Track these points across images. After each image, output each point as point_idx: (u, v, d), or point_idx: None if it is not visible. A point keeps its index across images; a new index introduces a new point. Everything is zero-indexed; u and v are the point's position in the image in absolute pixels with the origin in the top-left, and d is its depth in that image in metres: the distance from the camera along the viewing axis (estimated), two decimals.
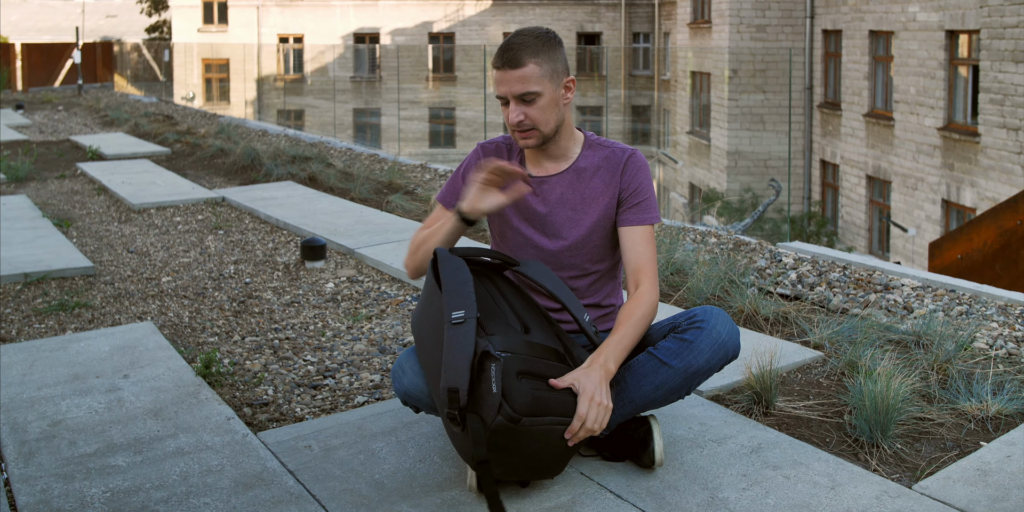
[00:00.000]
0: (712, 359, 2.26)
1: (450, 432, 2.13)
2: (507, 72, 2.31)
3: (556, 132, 2.39)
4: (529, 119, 2.33)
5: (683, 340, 2.26)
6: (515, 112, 2.32)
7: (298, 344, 3.52)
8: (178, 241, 5.42)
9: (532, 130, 2.35)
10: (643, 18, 28.93)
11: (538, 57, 2.31)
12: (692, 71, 22.30)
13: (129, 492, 2.30)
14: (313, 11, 29.15)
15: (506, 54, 2.31)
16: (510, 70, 2.30)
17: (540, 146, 2.40)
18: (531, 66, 2.30)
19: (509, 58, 2.30)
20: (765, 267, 4.56)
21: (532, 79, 2.30)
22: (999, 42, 12.58)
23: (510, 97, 2.32)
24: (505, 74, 2.31)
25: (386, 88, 28.87)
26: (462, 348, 2.02)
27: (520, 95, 2.31)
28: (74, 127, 13.02)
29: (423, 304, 2.26)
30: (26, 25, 36.48)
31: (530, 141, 2.37)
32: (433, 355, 2.13)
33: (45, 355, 3.32)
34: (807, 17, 18.88)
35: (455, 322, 2.06)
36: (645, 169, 2.48)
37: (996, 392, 2.80)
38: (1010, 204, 6.11)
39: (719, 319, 2.28)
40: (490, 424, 1.99)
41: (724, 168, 19.53)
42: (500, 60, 2.32)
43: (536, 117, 2.33)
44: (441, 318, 2.10)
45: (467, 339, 2.03)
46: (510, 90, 2.31)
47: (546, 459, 2.12)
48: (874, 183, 16.47)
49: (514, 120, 2.32)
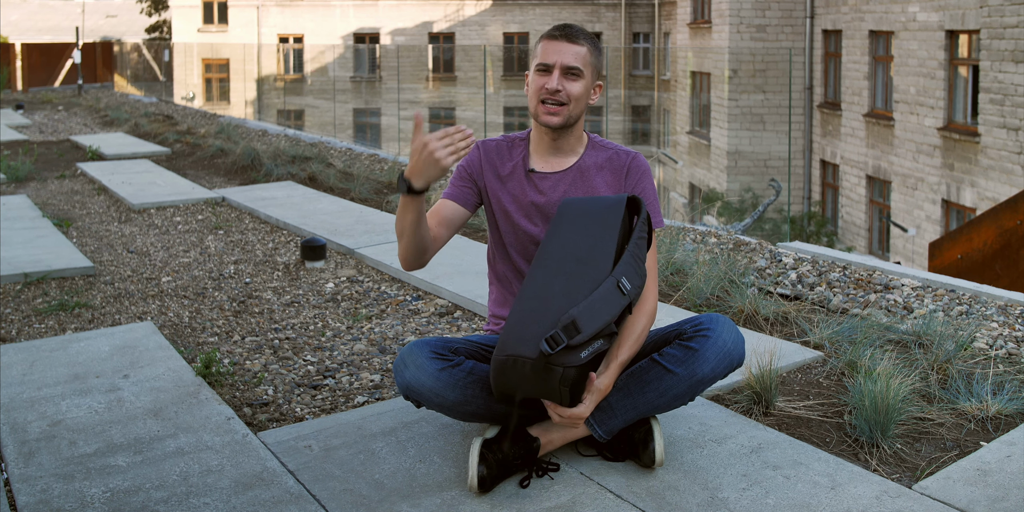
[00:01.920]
0: (717, 367, 2.28)
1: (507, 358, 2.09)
2: (563, 44, 2.35)
3: (575, 122, 2.42)
4: (565, 92, 2.35)
5: (688, 348, 2.28)
6: (556, 81, 2.34)
7: (298, 344, 3.52)
8: (178, 241, 5.42)
9: (563, 105, 2.36)
10: (643, 18, 28.92)
11: (591, 45, 2.39)
12: (692, 71, 22.30)
13: (129, 492, 2.30)
14: (313, 11, 29.15)
15: (566, 29, 2.38)
16: (567, 43, 2.36)
17: (560, 128, 2.40)
18: (585, 48, 2.37)
19: (569, 33, 2.37)
20: (765, 267, 4.56)
21: (582, 58, 2.36)
22: (999, 42, 12.58)
23: (558, 66, 2.34)
24: (560, 45, 2.35)
25: (386, 88, 28.87)
26: (610, 312, 2.10)
27: (568, 67, 2.34)
28: (74, 127, 13.02)
29: (583, 222, 2.23)
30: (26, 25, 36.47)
31: (556, 118, 2.38)
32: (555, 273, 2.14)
33: (45, 355, 3.31)
34: (807, 17, 18.88)
35: (622, 289, 2.13)
36: (648, 174, 2.49)
37: (996, 392, 2.80)
38: (1010, 204, 6.11)
39: (725, 327, 2.29)
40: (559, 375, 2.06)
41: (724, 168, 19.53)
42: (559, 32, 2.37)
43: (573, 94, 2.36)
44: (598, 250, 2.15)
45: (615, 310, 2.10)
46: (562, 60, 2.35)
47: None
48: (874, 183, 16.46)
49: (552, 87, 2.34)
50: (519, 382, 2.09)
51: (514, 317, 2.13)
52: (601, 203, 2.27)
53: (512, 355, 2.07)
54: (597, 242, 2.18)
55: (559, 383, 2.07)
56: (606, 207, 2.25)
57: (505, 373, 2.09)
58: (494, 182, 2.48)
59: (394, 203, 6.33)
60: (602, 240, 2.19)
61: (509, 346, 2.08)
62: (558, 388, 2.08)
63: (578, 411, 2.18)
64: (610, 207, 2.25)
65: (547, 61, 2.35)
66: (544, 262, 2.19)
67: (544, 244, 2.23)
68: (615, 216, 2.23)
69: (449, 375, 2.24)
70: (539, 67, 2.37)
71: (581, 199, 2.31)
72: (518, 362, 2.06)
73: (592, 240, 2.19)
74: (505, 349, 2.08)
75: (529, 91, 2.41)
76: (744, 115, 19.40)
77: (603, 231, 2.20)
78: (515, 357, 2.06)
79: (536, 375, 2.06)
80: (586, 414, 2.19)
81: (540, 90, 2.36)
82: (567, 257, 2.17)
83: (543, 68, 2.36)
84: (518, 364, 2.06)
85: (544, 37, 2.39)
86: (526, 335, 2.07)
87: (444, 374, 2.24)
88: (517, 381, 2.09)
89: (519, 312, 2.13)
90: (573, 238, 2.21)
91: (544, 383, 2.07)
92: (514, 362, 2.06)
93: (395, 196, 6.51)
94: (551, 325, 2.05)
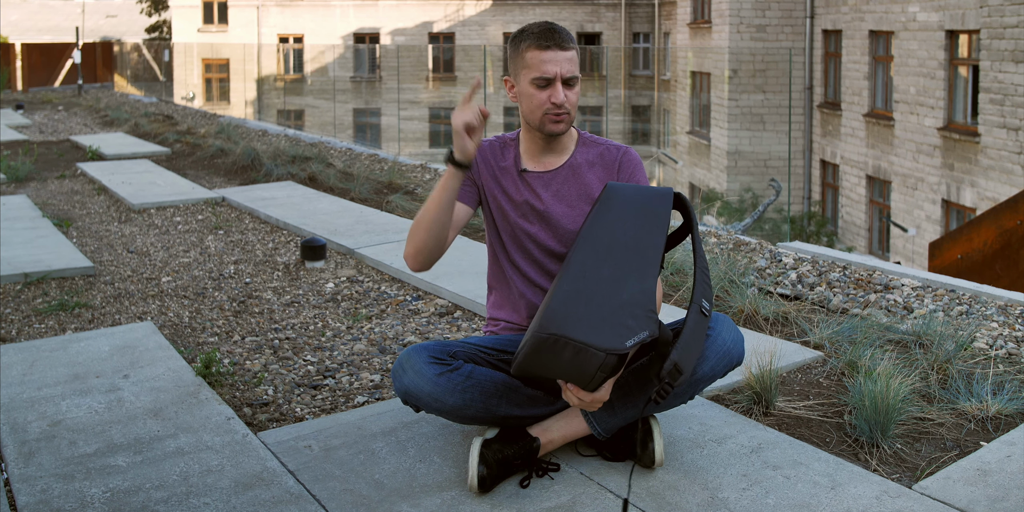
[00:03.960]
0: (717, 366, 2.28)
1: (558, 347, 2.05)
2: (557, 53, 2.31)
3: (571, 123, 2.42)
4: (569, 103, 2.34)
5: None
6: (561, 93, 2.32)
7: (298, 344, 3.52)
8: (178, 241, 5.42)
9: (568, 114, 2.36)
10: (643, 18, 28.92)
11: (575, 45, 2.37)
12: (692, 71, 22.30)
13: (129, 492, 2.30)
14: (313, 11, 29.15)
15: (554, 36, 2.32)
16: (560, 51, 2.31)
17: (563, 134, 2.40)
18: (573, 52, 2.35)
19: (559, 40, 2.32)
20: (765, 267, 4.56)
21: (575, 63, 2.34)
22: (999, 42, 12.58)
23: (559, 79, 2.31)
24: (555, 54, 2.31)
25: (386, 88, 28.86)
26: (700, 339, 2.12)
27: (568, 78, 2.32)
28: (74, 127, 13.02)
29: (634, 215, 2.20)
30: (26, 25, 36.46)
31: (562, 126, 2.37)
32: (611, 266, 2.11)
33: (45, 355, 3.31)
34: (807, 17, 18.88)
35: (704, 312, 2.14)
36: (640, 167, 2.49)
37: (996, 392, 2.80)
38: (1010, 204, 6.11)
39: (725, 326, 2.29)
40: (600, 360, 2.02)
41: (724, 168, 19.53)
42: (550, 40, 2.31)
43: (574, 101, 2.36)
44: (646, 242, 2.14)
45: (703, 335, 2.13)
46: (562, 70, 2.31)
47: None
48: (874, 183, 16.46)
49: (560, 100, 2.32)
50: (551, 361, 2.04)
51: (559, 296, 2.06)
52: (648, 192, 2.25)
53: (558, 335, 2.01)
54: (644, 233, 2.16)
55: (597, 369, 2.02)
56: (654, 197, 2.23)
57: (540, 351, 2.03)
58: (490, 180, 2.48)
59: (394, 203, 6.33)
60: (650, 232, 2.16)
61: (554, 325, 2.01)
62: (594, 374, 2.03)
63: (600, 394, 2.14)
64: (658, 197, 2.23)
65: (547, 75, 2.31)
66: (592, 244, 2.15)
67: (590, 226, 2.19)
68: (664, 208, 2.21)
69: (447, 380, 2.23)
70: (538, 81, 2.32)
71: (628, 185, 2.28)
72: (559, 342, 2.00)
73: (639, 230, 2.17)
74: (548, 327, 2.01)
75: (528, 103, 2.36)
76: (744, 115, 19.40)
77: (650, 221, 2.18)
78: (562, 338, 2.00)
79: (575, 358, 2.01)
80: (606, 397, 2.16)
81: (546, 104, 2.33)
82: (615, 243, 2.14)
83: (544, 83, 2.32)
84: (559, 344, 2.00)
85: (533, 46, 2.32)
86: (572, 316, 2.02)
87: (442, 379, 2.23)
88: (550, 360, 2.04)
89: (565, 292, 2.07)
90: (621, 224, 2.18)
91: (580, 367, 2.03)
92: (555, 342, 2.01)
93: (395, 196, 6.51)
94: (611, 323, 2.01)
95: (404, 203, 6.32)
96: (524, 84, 2.36)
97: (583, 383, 2.09)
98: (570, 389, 2.14)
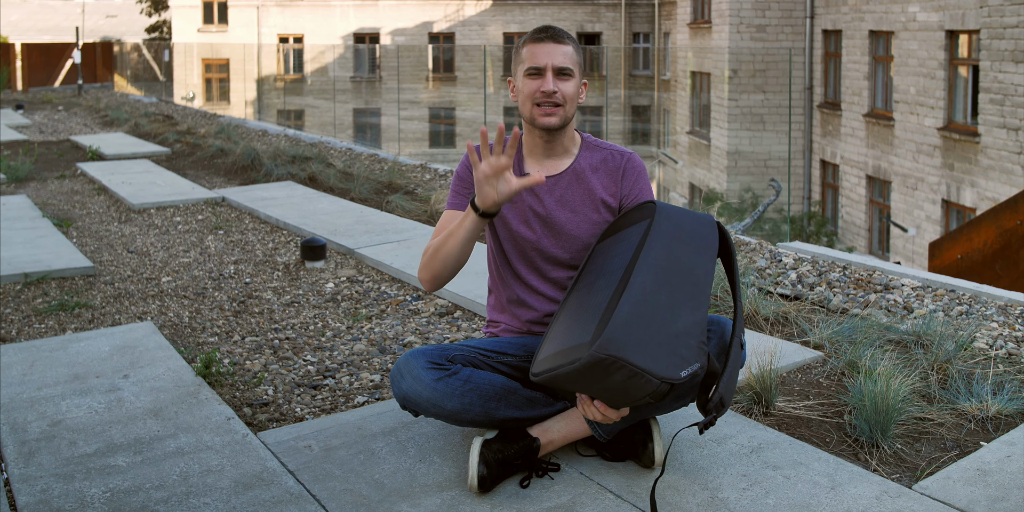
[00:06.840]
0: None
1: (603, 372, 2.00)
2: (550, 45, 2.36)
3: (568, 122, 2.42)
4: (560, 94, 2.36)
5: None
6: (551, 82, 2.35)
7: (298, 344, 3.52)
8: (178, 241, 5.42)
9: (560, 106, 2.37)
10: (643, 18, 28.92)
11: (574, 44, 2.41)
12: (692, 71, 22.30)
13: (129, 492, 2.30)
14: (313, 11, 29.14)
15: (549, 30, 2.39)
16: (554, 43, 2.36)
17: (556, 129, 2.39)
18: (570, 47, 2.38)
19: (553, 34, 2.38)
20: (765, 267, 4.56)
21: (571, 57, 2.37)
22: (999, 42, 12.58)
23: (549, 68, 2.35)
24: (547, 46, 2.36)
25: (386, 88, 28.86)
26: (739, 369, 2.21)
27: (560, 68, 2.35)
28: (74, 127, 13.02)
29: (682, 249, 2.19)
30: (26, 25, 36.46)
31: (553, 118, 2.37)
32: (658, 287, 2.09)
33: (45, 355, 3.31)
34: (807, 17, 18.88)
35: (743, 344, 2.23)
36: (644, 174, 2.49)
37: (996, 392, 2.80)
38: (1010, 204, 6.11)
39: (725, 328, 2.30)
40: (654, 387, 1.99)
41: (724, 168, 19.53)
42: (543, 34, 2.38)
43: (568, 94, 2.37)
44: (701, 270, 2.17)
45: (742, 364, 2.25)
46: (552, 61, 2.35)
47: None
48: (874, 183, 16.46)
49: (549, 89, 2.34)
50: (597, 381, 1.99)
51: (620, 317, 2.00)
52: (693, 217, 2.28)
53: (616, 357, 1.94)
54: (699, 260, 2.17)
55: (647, 395, 1.98)
56: (703, 223, 2.26)
57: (592, 370, 1.97)
58: None
59: (394, 203, 6.33)
60: (704, 259, 2.18)
61: (614, 346, 1.95)
62: (640, 398, 2.00)
63: (624, 411, 2.15)
64: (707, 224, 2.26)
65: (538, 64, 2.35)
66: (652, 266, 2.11)
67: (649, 246, 2.16)
68: (713, 235, 2.24)
69: (446, 385, 2.23)
70: (530, 71, 2.36)
71: (673, 207, 2.30)
72: (616, 364, 1.94)
73: (693, 255, 2.18)
74: (607, 348, 1.94)
75: (520, 96, 2.40)
76: (744, 115, 19.40)
77: (702, 248, 2.20)
78: (620, 361, 1.94)
79: (627, 381, 1.97)
80: (627, 413, 2.17)
81: (535, 93, 2.35)
82: (672, 267, 2.13)
83: (534, 72, 2.36)
84: (614, 366, 1.94)
85: (528, 40, 2.38)
86: (633, 340, 1.97)
87: (441, 384, 2.23)
88: (597, 379, 1.99)
89: (627, 314, 2.01)
90: (677, 248, 2.17)
91: (628, 391, 1.99)
92: (612, 363, 1.94)
93: (395, 196, 6.51)
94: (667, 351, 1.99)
95: (404, 203, 6.32)
96: (520, 78, 2.40)
97: (620, 404, 2.08)
98: (595, 405, 2.11)
